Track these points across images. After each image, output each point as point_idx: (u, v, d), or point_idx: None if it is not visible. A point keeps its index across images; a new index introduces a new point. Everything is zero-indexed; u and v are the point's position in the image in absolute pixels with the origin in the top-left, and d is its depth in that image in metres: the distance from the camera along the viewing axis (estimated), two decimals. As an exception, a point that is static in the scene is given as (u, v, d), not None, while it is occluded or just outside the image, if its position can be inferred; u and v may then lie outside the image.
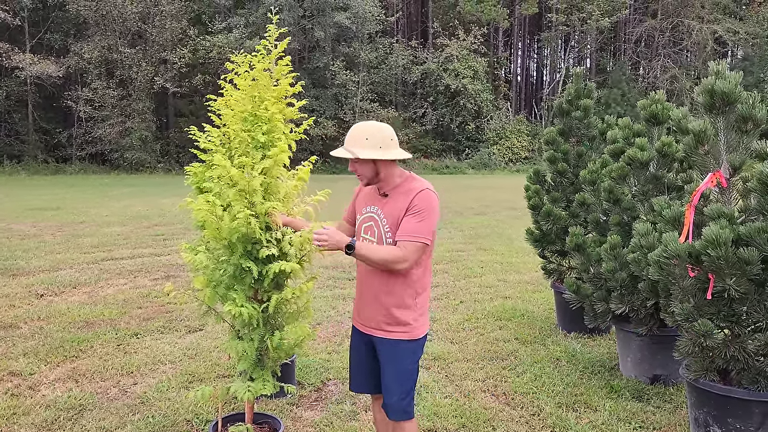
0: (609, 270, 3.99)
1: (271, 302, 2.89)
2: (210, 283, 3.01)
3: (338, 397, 4.10)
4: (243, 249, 2.91)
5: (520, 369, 4.56)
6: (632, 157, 3.98)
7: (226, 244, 2.95)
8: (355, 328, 2.93)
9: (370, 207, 2.79)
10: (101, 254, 9.22)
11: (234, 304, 2.82)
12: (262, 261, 2.92)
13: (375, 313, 2.77)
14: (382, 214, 2.71)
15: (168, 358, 4.82)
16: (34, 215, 13.58)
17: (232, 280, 3.03)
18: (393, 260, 2.61)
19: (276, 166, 2.93)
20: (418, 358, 2.82)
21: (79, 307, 6.26)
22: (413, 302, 2.74)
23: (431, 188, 2.67)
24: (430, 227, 2.64)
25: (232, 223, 2.79)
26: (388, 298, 2.72)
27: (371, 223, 2.76)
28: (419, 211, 2.60)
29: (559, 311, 5.55)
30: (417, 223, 2.60)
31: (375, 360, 2.85)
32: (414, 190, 2.64)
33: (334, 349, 5.02)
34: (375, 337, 2.79)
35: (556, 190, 5.36)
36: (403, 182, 2.71)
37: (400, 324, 2.73)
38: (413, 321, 2.75)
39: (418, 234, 2.60)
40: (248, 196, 2.85)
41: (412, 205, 2.61)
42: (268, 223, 2.91)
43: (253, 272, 2.85)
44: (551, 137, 5.37)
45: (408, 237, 2.60)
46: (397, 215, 2.65)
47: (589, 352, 4.90)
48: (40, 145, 30.61)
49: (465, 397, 4.09)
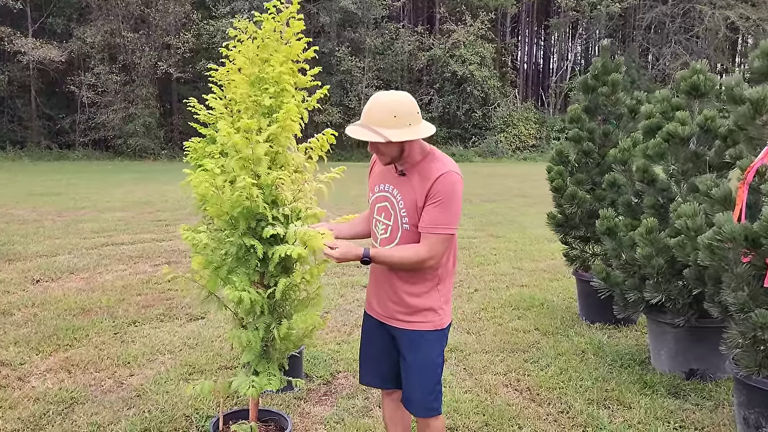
0: (644, 256, 3.67)
1: (278, 288, 2.57)
2: (210, 264, 2.70)
3: (349, 392, 3.80)
4: (246, 225, 2.59)
5: (544, 362, 4.25)
6: (672, 133, 3.64)
7: (228, 220, 2.64)
8: (369, 315, 2.63)
9: (385, 185, 2.47)
10: (101, 240, 8.94)
11: (234, 288, 2.51)
12: (268, 241, 2.61)
13: (394, 303, 2.46)
14: (399, 195, 2.39)
15: (167, 347, 4.53)
16: (35, 200, 13.30)
17: (235, 262, 2.72)
18: (418, 260, 2.32)
19: (284, 133, 2.61)
20: (443, 349, 2.52)
21: (76, 294, 5.98)
22: (436, 289, 2.44)
23: (455, 169, 2.34)
24: (455, 215, 2.32)
25: (233, 195, 2.48)
26: (408, 286, 2.42)
27: (386, 203, 2.45)
28: (442, 199, 2.28)
29: (582, 300, 5.23)
30: (441, 212, 2.28)
31: (391, 351, 2.55)
32: (435, 172, 2.30)
33: (343, 339, 4.72)
34: (395, 328, 2.48)
35: (581, 172, 5.02)
36: (423, 160, 2.37)
37: (422, 313, 2.43)
38: (438, 309, 2.45)
39: (443, 225, 2.29)
40: (252, 165, 2.53)
41: (433, 191, 2.29)
42: (275, 197, 2.60)
43: (257, 252, 2.54)
44: (576, 115, 5.02)
45: (432, 229, 2.30)
46: (414, 199, 2.34)
47: (616, 343, 4.58)
48: (43, 131, 30.33)
49: (486, 392, 3.79)
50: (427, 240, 2.31)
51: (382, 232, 2.47)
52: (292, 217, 2.65)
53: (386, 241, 2.45)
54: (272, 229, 2.50)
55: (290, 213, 2.62)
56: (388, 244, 2.43)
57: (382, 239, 2.47)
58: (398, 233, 2.40)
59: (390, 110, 2.25)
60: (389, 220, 2.43)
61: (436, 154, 2.41)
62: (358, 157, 28.64)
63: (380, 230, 2.48)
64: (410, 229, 2.37)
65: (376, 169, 2.59)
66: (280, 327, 2.65)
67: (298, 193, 2.74)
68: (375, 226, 2.52)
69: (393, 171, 2.44)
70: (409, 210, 2.36)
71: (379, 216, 2.48)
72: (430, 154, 2.40)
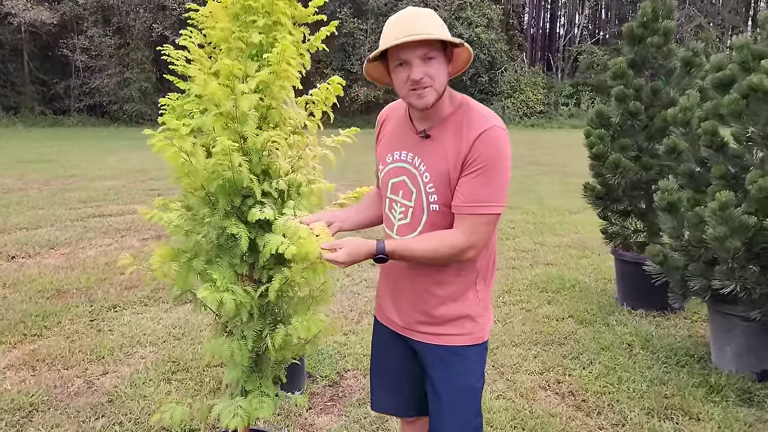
0: (717, 237, 3.02)
1: (272, 284, 1.94)
2: (182, 253, 2.07)
3: (360, 396, 3.21)
4: (228, 205, 1.96)
5: (585, 358, 3.64)
6: (756, 86, 2.96)
7: (204, 196, 2.01)
8: (382, 325, 2.00)
9: (402, 153, 1.80)
10: (88, 210, 8.32)
11: (213, 288, 1.88)
12: (258, 224, 1.98)
13: (418, 309, 1.84)
14: (423, 164, 1.73)
15: (149, 338, 3.94)
16: (23, 168, 12.66)
17: (215, 251, 2.10)
18: (453, 252, 1.69)
19: (278, 81, 1.95)
20: (484, 369, 1.90)
21: (53, 272, 5.37)
22: (474, 289, 1.81)
23: (499, 123, 1.68)
24: (502, 186, 1.67)
25: (209, 164, 1.84)
26: (436, 286, 1.79)
27: (404, 177, 1.78)
28: (485, 166, 1.62)
29: (621, 283, 4.61)
30: (483, 184, 1.63)
31: (412, 369, 1.95)
32: (473, 129, 1.65)
33: (351, 329, 4.12)
34: (420, 343, 1.86)
35: (625, 136, 4.34)
36: (455, 113, 1.71)
37: (456, 322, 1.81)
38: (477, 316, 1.82)
39: (486, 201, 1.65)
40: (236, 123, 1.88)
41: (473, 156, 1.63)
42: (267, 167, 1.96)
43: (241, 241, 1.91)
44: (620, 70, 4.32)
45: (473, 208, 1.65)
46: (445, 169, 1.69)
47: (666, 335, 3.98)
48: (36, 96, 29.48)
49: (521, 396, 3.19)
50: (465, 223, 1.67)
51: (401, 217, 1.82)
52: (291, 193, 2.01)
53: (406, 228, 1.80)
54: (260, 212, 1.86)
55: (287, 188, 1.98)
56: (410, 232, 1.79)
57: (400, 226, 1.82)
58: (423, 216, 1.76)
59: (435, 16, 1.65)
60: (409, 200, 1.78)
61: (471, 105, 1.73)
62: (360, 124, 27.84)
63: (397, 214, 1.83)
64: (440, 210, 1.72)
65: (386, 132, 1.92)
66: (275, 334, 2.03)
67: (297, 160, 2.10)
68: (390, 208, 1.86)
69: (411, 132, 1.78)
70: (438, 184, 1.71)
71: (395, 195, 1.83)
72: (463, 104, 1.73)
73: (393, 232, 1.85)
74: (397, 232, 1.83)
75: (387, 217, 1.89)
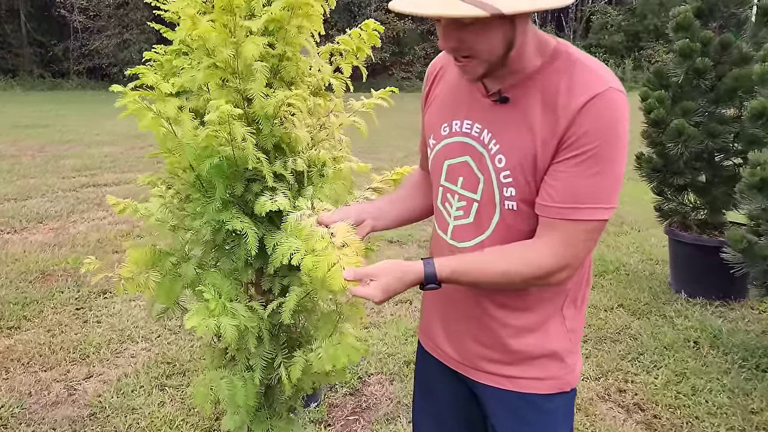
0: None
1: (287, 301, 1.41)
2: (165, 258, 1.54)
3: (388, 410, 2.71)
4: (227, 192, 1.42)
5: (647, 360, 3.13)
6: None
7: (194, 180, 1.46)
8: (428, 356, 1.46)
9: (463, 124, 1.24)
10: (82, 179, 7.79)
11: (206, 312, 1.35)
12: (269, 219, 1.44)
13: (483, 342, 1.30)
14: (496, 141, 1.17)
15: (141, 332, 3.44)
16: (18, 133, 12.10)
17: (211, 253, 1.57)
18: (536, 274, 1.15)
19: (295, 19, 1.39)
20: (572, 426, 1.37)
21: (40, 250, 4.87)
22: (561, 315, 1.27)
23: (617, 85, 1.09)
24: (617, 180, 1.10)
25: (199, 136, 1.30)
26: (510, 314, 1.26)
27: (466, 159, 1.22)
28: (596, 148, 1.06)
29: (675, 266, 4.07)
30: (590, 176, 1.08)
31: (471, 420, 1.41)
32: (580, 90, 1.07)
33: (372, 321, 3.61)
34: (484, 385, 1.32)
35: (688, 98, 3.74)
36: (546, 67, 1.13)
37: (536, 362, 1.27)
38: (565, 354, 1.28)
39: (593, 202, 1.09)
40: (237, 79, 1.33)
41: (577, 131, 1.07)
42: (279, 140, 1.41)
43: (248, 241, 1.37)
44: (686, 20, 3.69)
45: (571, 211, 1.10)
46: (529, 148, 1.12)
47: (736, 330, 3.45)
48: (35, 58, 28.69)
49: (579, 410, 2.69)
50: (558, 232, 1.12)
51: (459, 214, 1.26)
52: (311, 176, 1.46)
53: (467, 231, 1.25)
54: (271, 201, 1.33)
55: (306, 168, 1.43)
56: (472, 236, 1.24)
57: (458, 227, 1.27)
58: (493, 216, 1.20)
59: None
60: (474, 191, 1.22)
61: (575, 55, 1.14)
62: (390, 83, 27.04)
63: (454, 210, 1.27)
64: (519, 208, 1.17)
65: (440, 92, 1.34)
66: (291, 365, 1.51)
67: (318, 131, 1.55)
68: (442, 201, 1.31)
69: (479, 93, 1.21)
70: (517, 171, 1.14)
71: (451, 183, 1.27)
72: (561, 54, 1.14)
73: (447, 235, 1.30)
74: (453, 235, 1.28)
75: (439, 213, 1.33)
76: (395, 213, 1.46)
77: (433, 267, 1.14)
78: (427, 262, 1.15)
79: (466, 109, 1.24)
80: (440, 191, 1.31)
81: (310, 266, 1.17)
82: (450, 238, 1.29)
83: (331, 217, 1.26)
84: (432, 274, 1.14)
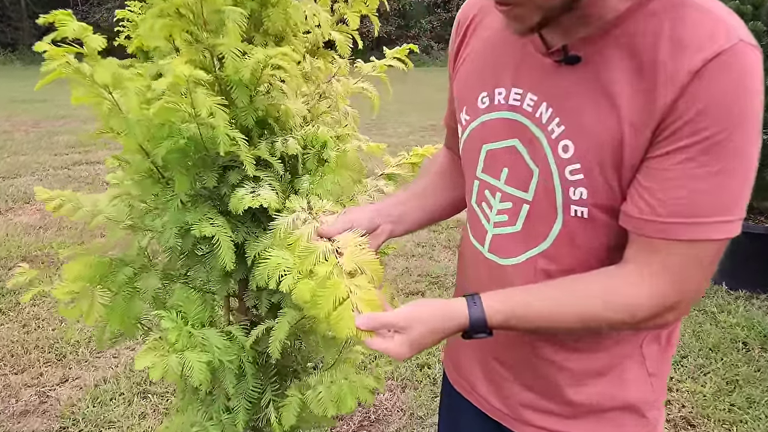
0: None
1: (276, 329, 1.06)
2: (119, 269, 1.19)
3: (401, 423, 2.37)
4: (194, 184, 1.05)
5: (691, 363, 2.78)
6: None
7: (149, 168, 1.10)
8: (460, 398, 1.09)
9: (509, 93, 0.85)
10: (75, 156, 7.44)
11: (159, 348, 1.00)
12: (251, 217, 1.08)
13: (534, 388, 0.95)
14: (560, 120, 0.78)
15: (125, 328, 3.11)
16: (14, 108, 11.75)
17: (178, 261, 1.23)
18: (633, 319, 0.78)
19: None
20: None
21: (23, 233, 4.54)
22: (641, 360, 0.90)
23: (748, 37, 0.68)
24: (746, 178, 0.70)
25: (151, 107, 0.93)
26: (570, 356, 0.91)
27: (513, 143, 0.85)
28: (719, 133, 0.67)
29: (715, 255, 3.70)
30: (712, 174, 0.69)
31: None
32: (694, 46, 0.68)
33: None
34: None
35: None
36: (634, 10, 0.73)
37: (608, 417, 0.92)
38: (646, 409, 0.92)
39: (717, 213, 0.71)
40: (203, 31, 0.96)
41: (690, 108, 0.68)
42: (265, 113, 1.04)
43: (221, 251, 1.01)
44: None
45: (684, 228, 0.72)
46: (611, 131, 0.73)
47: (787, 328, 3.09)
48: (35, 32, 28.14)
49: (619, 425, 2.35)
50: (661, 256, 0.75)
51: (502, 219, 0.90)
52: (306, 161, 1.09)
53: (513, 244, 0.89)
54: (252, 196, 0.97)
55: (300, 152, 1.06)
56: (521, 251, 0.88)
57: (498, 237, 0.91)
58: (553, 226, 0.83)
59: None
60: (524, 189, 0.85)
61: None
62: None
63: (494, 214, 0.91)
64: (590, 216, 0.80)
65: (476, 48, 0.94)
66: (282, 405, 1.16)
67: (317, 101, 1.18)
68: (478, 200, 0.94)
69: (534, 49, 0.82)
70: (590, 163, 0.76)
71: (491, 176, 0.90)
72: None
73: (484, 246, 0.93)
74: (493, 247, 0.92)
75: (474, 215, 0.96)
76: (418, 212, 1.08)
77: (479, 308, 0.78)
78: (472, 301, 0.79)
79: (514, 73, 0.86)
80: (476, 186, 0.94)
81: (306, 297, 0.81)
82: (488, 251, 0.92)
83: (336, 227, 0.90)
84: (480, 320, 0.78)
